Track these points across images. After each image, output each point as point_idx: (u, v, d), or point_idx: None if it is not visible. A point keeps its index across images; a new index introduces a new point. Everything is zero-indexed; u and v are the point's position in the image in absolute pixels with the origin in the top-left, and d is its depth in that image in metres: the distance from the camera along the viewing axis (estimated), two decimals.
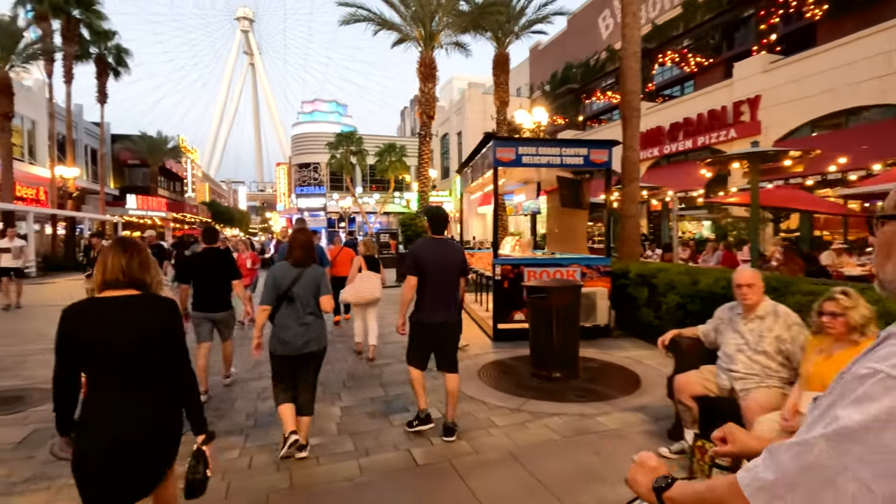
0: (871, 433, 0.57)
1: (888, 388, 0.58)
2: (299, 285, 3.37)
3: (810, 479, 0.60)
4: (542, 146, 6.64)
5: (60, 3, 22.81)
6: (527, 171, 7.73)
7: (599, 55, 29.12)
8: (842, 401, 0.62)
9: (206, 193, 60.95)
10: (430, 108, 15.13)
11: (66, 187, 24.49)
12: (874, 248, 0.77)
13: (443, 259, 3.74)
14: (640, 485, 0.89)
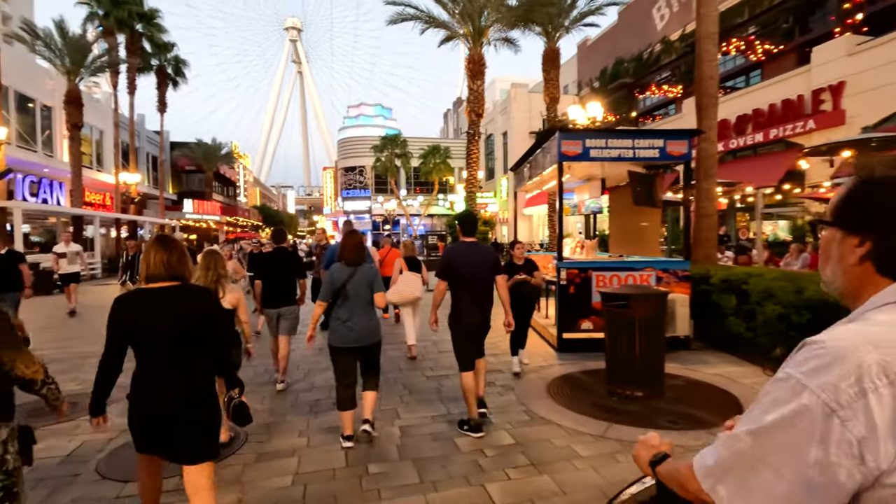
0: (780, 430, 0.68)
1: (796, 393, 0.68)
2: (353, 283, 3.58)
3: (739, 466, 0.72)
4: (612, 138, 6.01)
5: (125, 18, 23.99)
6: (591, 166, 7.11)
7: (653, 48, 27.74)
8: (763, 401, 0.73)
9: (257, 198, 63.12)
10: (479, 105, 14.66)
11: (129, 192, 25.72)
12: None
13: (474, 261, 3.91)
14: (642, 459, 1.00)
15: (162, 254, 2.16)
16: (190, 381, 2.14)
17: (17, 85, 21.49)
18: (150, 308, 2.10)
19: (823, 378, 0.66)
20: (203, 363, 2.19)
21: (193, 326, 2.13)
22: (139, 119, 35.92)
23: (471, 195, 15.12)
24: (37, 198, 22.54)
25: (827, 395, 0.65)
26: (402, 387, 5.14)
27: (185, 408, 2.10)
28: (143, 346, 2.12)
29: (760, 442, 0.70)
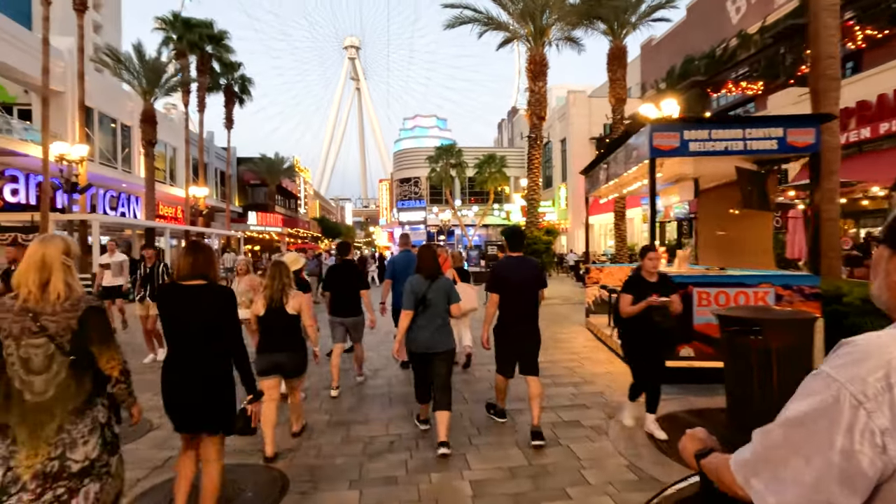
0: (810, 420, 0.72)
1: (826, 385, 0.72)
2: (432, 292, 3.79)
3: (772, 458, 0.76)
4: (718, 127, 5.02)
5: (196, 40, 25.25)
6: (683, 164, 6.11)
7: (728, 43, 25.72)
8: (797, 395, 0.77)
9: (316, 210, 65.09)
10: (541, 108, 13.82)
11: (198, 205, 26.87)
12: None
13: (521, 275, 3.99)
14: (687, 451, 1.02)
15: (190, 257, 2.54)
16: (207, 366, 2.49)
17: (101, 107, 23.07)
18: (177, 301, 2.52)
19: (853, 372, 0.70)
20: (219, 353, 2.53)
21: (212, 321, 2.49)
22: (208, 136, 37.88)
23: (532, 203, 14.24)
24: (115, 211, 23.99)
25: (855, 387, 0.69)
26: (472, 424, 4.39)
27: (203, 389, 2.47)
28: (172, 333, 2.55)
29: (792, 432, 0.74)
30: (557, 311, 11.21)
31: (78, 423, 1.90)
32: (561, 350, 6.97)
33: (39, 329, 1.86)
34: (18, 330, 1.85)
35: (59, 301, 1.91)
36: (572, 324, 9.20)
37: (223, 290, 2.60)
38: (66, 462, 1.84)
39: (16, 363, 1.85)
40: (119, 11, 53.82)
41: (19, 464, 1.80)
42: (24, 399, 1.84)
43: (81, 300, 1.96)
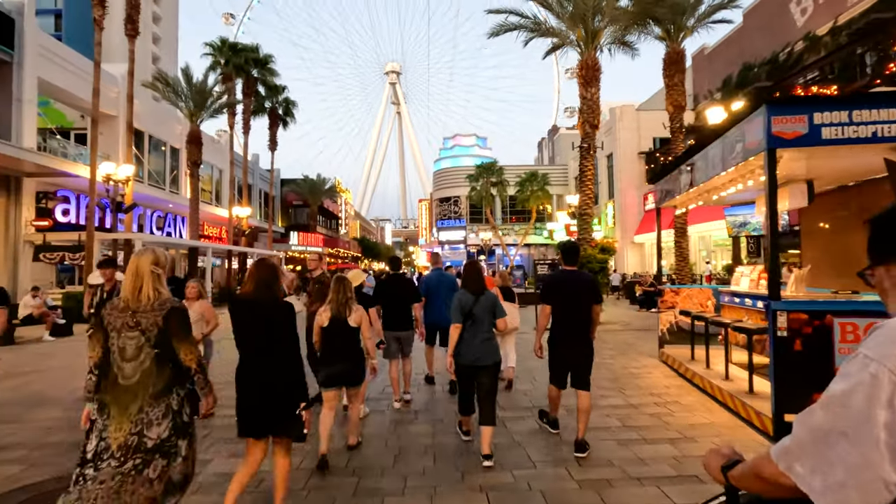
0: (851, 398, 0.74)
1: (864, 365, 0.74)
2: (478, 307, 3.89)
3: (816, 441, 0.76)
4: (861, 107, 3.84)
5: (242, 63, 25.79)
6: (792, 160, 4.89)
7: (793, 47, 23.90)
8: (836, 378, 0.79)
9: (357, 230, 65.62)
10: (594, 115, 12.74)
11: (241, 225, 27.08)
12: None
13: (574, 289, 4.06)
14: (712, 467, 1.01)
15: (257, 272, 2.86)
16: (272, 372, 2.76)
17: (151, 130, 23.75)
18: (244, 311, 2.82)
19: (887, 350, 0.74)
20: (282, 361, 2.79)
21: (274, 331, 2.77)
22: (253, 158, 38.74)
23: (584, 219, 13.04)
24: (162, 231, 24.41)
25: (891, 363, 0.72)
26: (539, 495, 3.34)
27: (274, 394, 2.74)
28: (241, 340, 2.82)
29: (833, 411, 0.75)
30: (620, 338, 9.91)
31: (155, 406, 2.21)
32: (639, 390, 5.77)
33: (135, 324, 2.24)
34: (120, 324, 2.25)
35: (149, 302, 2.28)
36: (642, 354, 7.94)
37: (284, 303, 2.86)
38: (143, 438, 2.16)
39: (115, 352, 2.24)
40: (176, 44, 57.01)
41: (110, 435, 2.15)
42: (117, 382, 2.22)
43: (167, 301, 2.31)
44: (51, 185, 17.28)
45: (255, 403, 2.72)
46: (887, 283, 0.87)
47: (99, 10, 15.54)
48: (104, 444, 2.15)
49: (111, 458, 2.12)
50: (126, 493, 2.10)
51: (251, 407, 2.73)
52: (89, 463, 2.14)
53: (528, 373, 6.76)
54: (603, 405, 5.17)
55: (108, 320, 2.28)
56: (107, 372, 2.27)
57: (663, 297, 7.40)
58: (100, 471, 2.11)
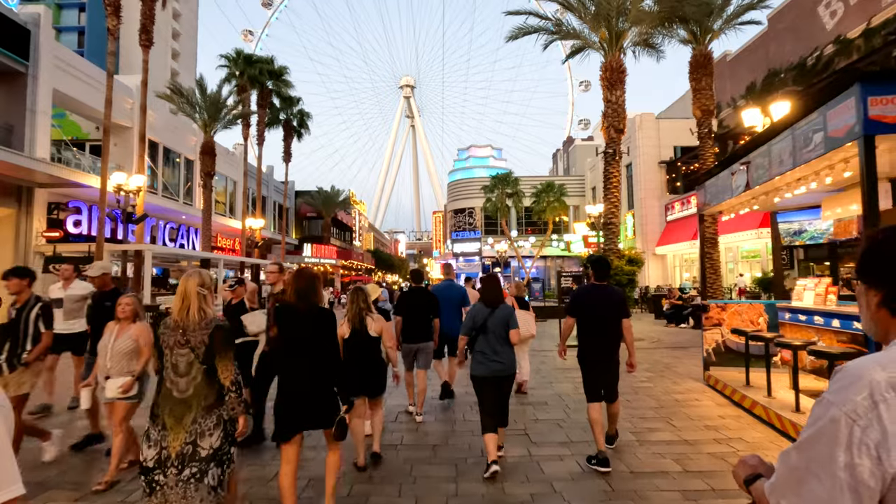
0: (816, 441, 0.79)
1: (826, 409, 0.79)
2: (492, 320, 3.96)
3: (792, 479, 0.82)
4: None
5: (256, 75, 25.73)
6: (880, 153, 4.16)
7: (822, 51, 23.02)
8: (808, 422, 0.84)
9: (371, 242, 65.37)
10: (619, 119, 12.06)
11: (253, 237, 26.79)
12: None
13: (600, 302, 4.09)
14: (738, 477, 1.05)
15: (297, 282, 2.97)
16: (316, 373, 2.87)
17: (166, 142, 23.71)
18: (289, 319, 2.92)
19: (844, 395, 0.78)
20: (323, 363, 2.90)
21: (316, 337, 2.91)
22: (268, 170, 38.75)
23: (610, 228, 12.30)
24: (174, 243, 24.22)
25: (848, 408, 0.77)
26: None
27: (314, 390, 2.86)
28: (285, 346, 2.93)
29: (803, 454, 0.81)
30: (653, 356, 9.11)
31: (207, 417, 2.42)
32: (690, 421, 5.01)
33: (185, 342, 2.46)
34: (172, 342, 2.47)
35: (197, 322, 2.49)
36: (682, 376, 7.15)
37: (325, 310, 2.99)
38: (197, 448, 2.36)
39: (168, 367, 2.46)
40: (194, 60, 57.94)
41: (168, 444, 2.36)
42: (172, 395, 2.43)
43: (213, 320, 2.52)
44: (63, 196, 17.13)
45: (298, 405, 2.82)
46: (862, 301, 0.94)
47: (113, 21, 15.43)
48: (165, 454, 2.32)
49: (172, 465, 2.30)
50: (193, 499, 2.26)
51: (293, 409, 2.82)
52: (156, 470, 2.32)
53: (558, 399, 6.05)
54: (652, 440, 4.44)
55: (162, 339, 2.47)
56: (160, 386, 2.45)
57: (708, 314, 6.63)
58: (168, 477, 2.30)
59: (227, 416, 2.47)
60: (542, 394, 6.29)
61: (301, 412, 2.83)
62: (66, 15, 46.28)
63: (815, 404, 0.84)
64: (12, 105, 15.77)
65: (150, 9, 17.36)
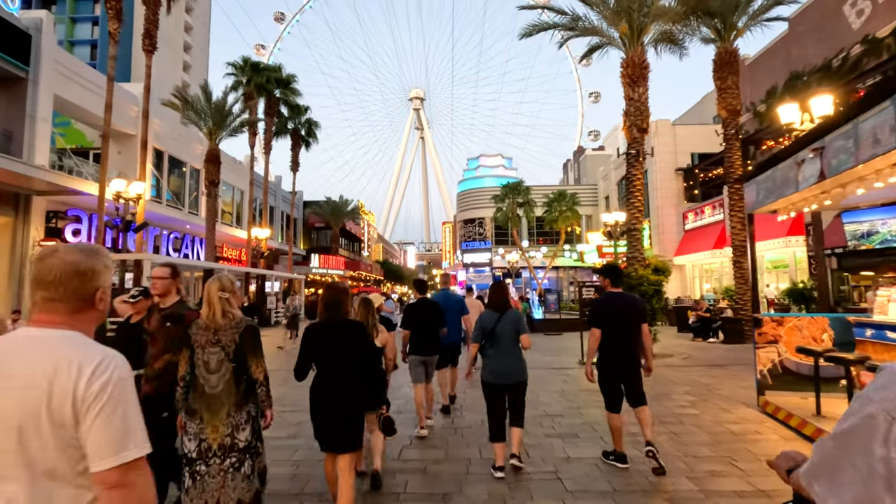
0: (854, 433, 0.83)
1: (865, 404, 0.83)
2: (500, 326, 4.00)
3: (827, 465, 0.87)
4: None
5: (263, 83, 25.36)
6: None
7: (848, 51, 22.08)
8: (845, 413, 0.88)
9: (380, 253, 64.78)
10: (642, 118, 11.25)
11: (260, 247, 26.20)
12: None
13: (622, 310, 4.08)
14: (780, 468, 1.08)
15: (328, 295, 3.08)
16: (349, 385, 2.92)
17: (172, 150, 23.31)
18: (324, 334, 2.99)
19: (884, 393, 0.82)
20: (361, 375, 2.97)
21: (349, 349, 2.95)
22: (276, 180, 38.38)
23: (634, 234, 11.41)
24: (179, 253, 23.69)
25: (887, 405, 0.81)
26: None
27: (350, 405, 2.90)
28: (320, 358, 2.96)
29: (839, 443, 0.86)
30: (689, 375, 8.17)
31: (239, 412, 2.59)
32: (759, 463, 4.09)
33: (216, 341, 2.61)
34: (204, 341, 2.62)
35: (227, 322, 2.64)
36: (730, 401, 6.23)
37: (356, 323, 3.14)
38: (235, 440, 2.56)
39: (200, 365, 2.61)
40: (206, 73, 58.31)
41: (208, 436, 2.54)
42: (205, 391, 2.58)
43: (242, 321, 2.68)
44: (62, 204, 16.66)
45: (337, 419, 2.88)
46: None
47: (114, 24, 15.05)
48: (206, 445, 2.53)
49: (214, 456, 2.52)
50: (230, 488, 2.49)
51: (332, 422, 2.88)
52: (198, 461, 2.53)
53: (591, 429, 5.17)
54: (720, 491, 3.55)
55: (194, 338, 2.63)
56: (194, 383, 2.62)
57: (761, 329, 5.72)
58: (210, 467, 2.52)
59: (254, 412, 2.65)
60: (572, 423, 5.42)
61: (331, 435, 2.88)
62: (80, 28, 46.77)
63: (854, 398, 0.89)
64: (12, 111, 15.37)
65: (154, 13, 17.00)
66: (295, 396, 6.64)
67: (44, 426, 1.04)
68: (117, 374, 1.10)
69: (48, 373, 1.06)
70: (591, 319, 4.19)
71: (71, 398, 1.05)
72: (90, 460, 1.06)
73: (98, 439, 1.05)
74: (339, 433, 2.85)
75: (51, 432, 1.04)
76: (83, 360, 1.08)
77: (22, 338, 1.14)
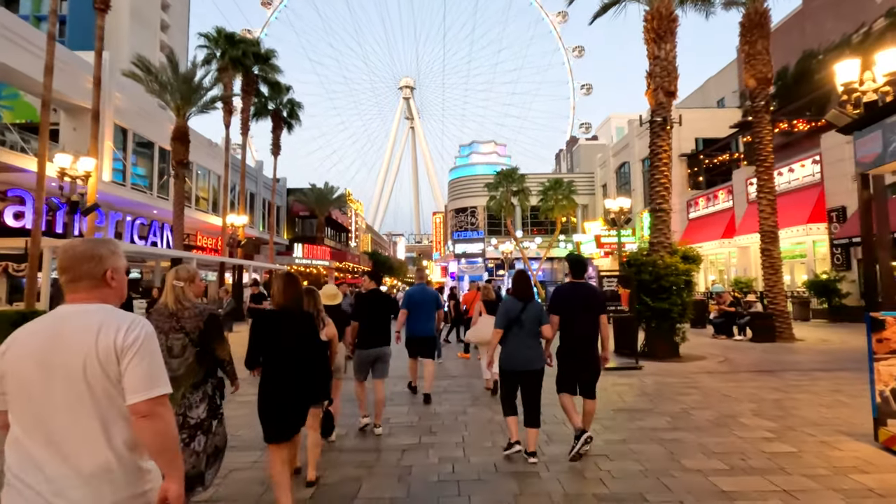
0: None
1: None
2: (525, 315, 4.05)
3: None
4: None
5: (239, 56, 23.28)
6: None
7: (871, 26, 20.64)
8: None
9: (368, 244, 62.83)
10: (670, 80, 9.59)
11: (236, 235, 24.25)
12: None
13: (583, 299, 4.24)
14: None
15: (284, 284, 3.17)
16: (301, 377, 3.00)
17: (137, 128, 21.21)
18: (276, 324, 3.05)
19: None
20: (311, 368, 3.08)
21: (302, 340, 3.05)
22: (257, 165, 36.25)
23: (660, 217, 9.79)
24: (146, 241, 21.71)
25: None
26: None
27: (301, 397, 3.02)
28: (269, 350, 3.02)
29: None
30: (747, 390, 6.57)
31: (195, 392, 2.73)
32: None
33: (180, 328, 2.74)
34: (167, 328, 2.72)
35: (179, 310, 2.76)
36: (827, 430, 4.63)
37: (309, 314, 3.32)
38: (187, 418, 2.67)
39: (163, 350, 2.34)
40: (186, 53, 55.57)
41: None
42: None
43: (206, 310, 2.83)
44: (2, 183, 14.65)
45: (288, 406, 2.96)
46: None
47: None
48: None
49: None
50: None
51: (283, 410, 2.94)
52: None
53: (647, 479, 3.52)
54: None
55: (156, 324, 2.62)
56: None
57: (883, 334, 4.12)
58: None
59: (211, 391, 2.80)
60: (623, 469, 3.78)
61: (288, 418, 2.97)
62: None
63: None
64: None
65: None
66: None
67: (97, 371, 1.38)
68: (146, 331, 1.44)
69: (94, 332, 1.39)
70: (551, 307, 4.31)
71: (113, 347, 1.39)
72: (127, 395, 1.39)
73: (133, 378, 1.38)
74: (290, 425, 2.97)
75: (103, 376, 1.38)
76: (119, 321, 1.44)
77: (66, 312, 1.47)
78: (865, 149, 4.31)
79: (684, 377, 7.36)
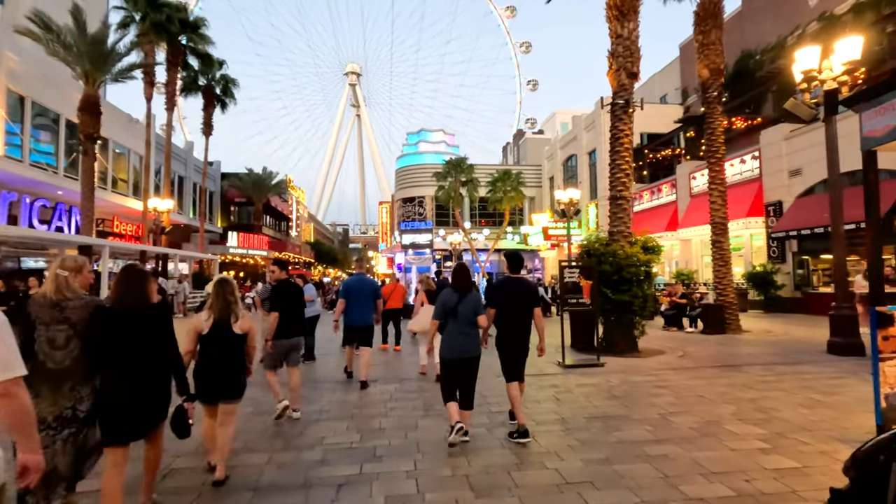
0: None
1: None
2: (462, 306, 4.26)
3: None
4: None
5: (163, 21, 20.93)
6: None
7: (804, 29, 21.57)
8: None
9: (311, 234, 60.24)
10: (633, 61, 9.12)
11: (160, 221, 21.95)
12: None
13: (518, 293, 4.52)
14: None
15: (128, 280, 2.91)
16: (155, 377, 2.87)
17: (36, 96, 18.46)
18: (123, 322, 2.80)
19: None
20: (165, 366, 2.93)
21: (154, 335, 2.88)
22: (187, 146, 33.35)
23: (619, 204, 9.35)
24: (49, 225, 19.09)
25: None
26: None
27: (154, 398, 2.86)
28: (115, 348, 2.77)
29: None
30: (718, 388, 6.14)
31: (85, 386, 2.68)
32: None
33: (64, 319, 2.63)
34: (49, 318, 2.61)
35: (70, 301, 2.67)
36: (819, 437, 4.20)
37: (157, 306, 3.00)
38: (77, 412, 2.62)
39: (43, 341, 2.59)
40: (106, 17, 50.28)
41: (42, 410, 2.51)
42: (46, 367, 2.59)
43: (93, 301, 2.73)
44: None
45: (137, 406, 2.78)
46: None
47: None
48: (38, 417, 2.41)
49: (48, 428, 2.52)
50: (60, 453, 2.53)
51: (131, 411, 2.76)
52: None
53: None
54: None
55: (35, 314, 2.60)
56: (33, 360, 2.53)
57: (887, 330, 3.66)
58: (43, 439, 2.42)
59: (98, 385, 2.72)
60: (615, 502, 3.06)
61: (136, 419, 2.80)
62: None
63: None
64: None
65: None
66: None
67: None
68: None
69: None
70: (488, 300, 4.55)
71: None
72: None
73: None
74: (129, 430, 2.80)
75: None
76: None
77: None
78: (875, 121, 3.84)
79: (650, 374, 6.90)
